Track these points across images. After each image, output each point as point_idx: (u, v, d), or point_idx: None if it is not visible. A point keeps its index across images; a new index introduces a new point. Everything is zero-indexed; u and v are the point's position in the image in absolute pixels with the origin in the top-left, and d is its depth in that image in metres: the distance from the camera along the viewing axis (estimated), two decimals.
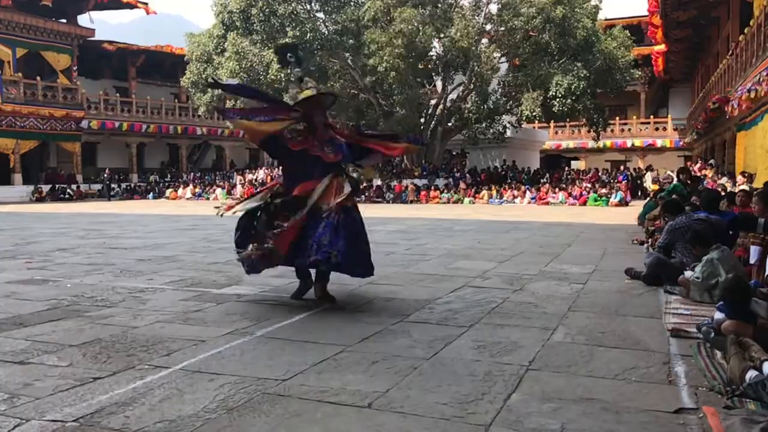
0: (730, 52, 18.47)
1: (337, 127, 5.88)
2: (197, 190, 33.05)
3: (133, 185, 34.74)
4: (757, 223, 5.58)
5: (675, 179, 13.04)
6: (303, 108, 5.33)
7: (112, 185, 33.10)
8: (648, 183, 22.79)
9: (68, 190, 31.41)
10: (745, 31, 15.99)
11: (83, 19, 34.26)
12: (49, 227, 14.34)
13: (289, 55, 5.85)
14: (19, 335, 4.35)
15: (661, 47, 29.10)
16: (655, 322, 4.70)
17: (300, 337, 4.29)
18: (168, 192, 33.26)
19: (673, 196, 9.16)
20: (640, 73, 31.74)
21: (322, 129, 5.38)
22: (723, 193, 10.30)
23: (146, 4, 35.93)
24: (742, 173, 16.32)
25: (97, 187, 33.13)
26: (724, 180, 18.25)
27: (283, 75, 24.65)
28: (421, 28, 23.53)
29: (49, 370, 3.57)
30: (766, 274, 4.65)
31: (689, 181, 11.10)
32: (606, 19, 30.45)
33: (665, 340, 4.20)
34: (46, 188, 30.85)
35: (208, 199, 31.74)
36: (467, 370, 3.55)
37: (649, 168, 30.91)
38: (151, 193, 33.58)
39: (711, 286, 5.15)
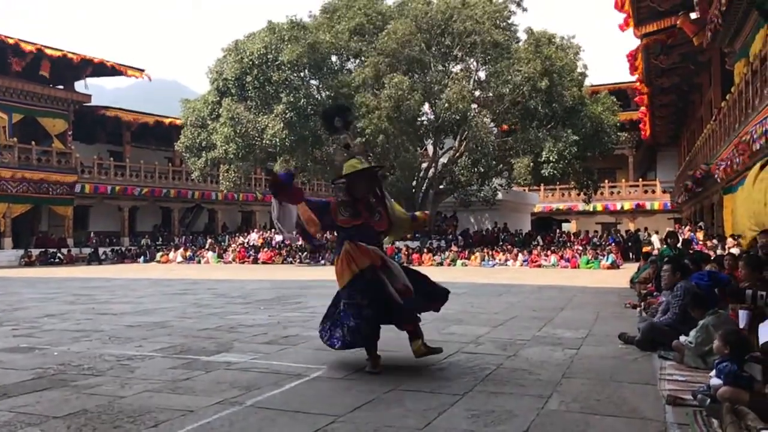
0: (714, 117, 18.92)
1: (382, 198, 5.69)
2: (188, 253, 32.93)
3: (124, 249, 34.57)
4: (745, 294, 5.60)
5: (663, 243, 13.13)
6: (348, 180, 5.40)
7: (101, 249, 33.00)
8: (656, 245, 22.99)
9: (58, 255, 31.21)
10: (727, 97, 16.43)
11: (80, 85, 34.91)
12: (38, 292, 14.18)
13: (336, 119, 5.58)
14: (3, 406, 4.24)
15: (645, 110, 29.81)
16: (650, 389, 4.65)
17: (290, 407, 4.21)
18: (159, 255, 33.11)
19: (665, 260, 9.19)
20: (626, 135, 32.48)
21: (366, 200, 5.45)
22: (712, 256, 10.35)
23: (142, 71, 36.71)
24: (732, 236, 16.43)
25: (88, 251, 32.95)
26: (714, 242, 18.35)
27: (278, 139, 25.02)
28: (409, 94, 24.09)
29: None
30: (760, 342, 4.66)
31: (677, 245, 11.18)
32: (592, 86, 31.35)
33: (661, 408, 4.14)
34: (36, 252, 30.66)
35: (199, 262, 31.61)
36: None
37: (646, 230, 31.11)
38: (142, 257, 33.40)
39: (705, 353, 5.12)
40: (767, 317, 4.95)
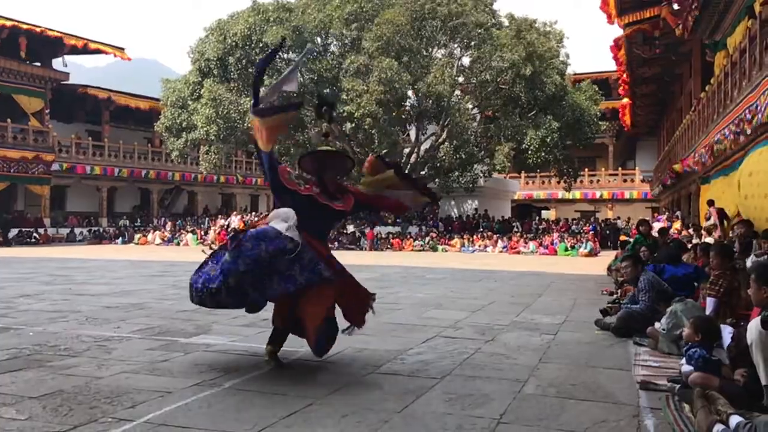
0: (693, 108, 19.10)
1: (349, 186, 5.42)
2: (167, 235, 32.65)
3: (101, 230, 34.20)
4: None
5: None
6: (318, 159, 5.06)
7: (78, 230, 32.54)
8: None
9: (35, 234, 30.79)
10: (707, 88, 16.58)
11: (58, 63, 34.24)
12: (14, 272, 13.99)
13: (325, 108, 5.42)
14: None
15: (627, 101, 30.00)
16: (624, 374, 4.73)
17: (269, 389, 4.22)
18: (137, 237, 32.80)
19: (642, 249, 9.32)
20: (607, 124, 32.71)
21: (332, 186, 5.03)
22: (689, 246, 10.50)
23: (122, 50, 36.10)
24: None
25: (65, 231, 32.54)
26: (690, 231, 18.57)
27: None
28: (397, 77, 24.00)
29: (7, 424, 3.44)
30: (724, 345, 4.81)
31: (650, 234, 11.30)
32: (574, 74, 31.45)
33: (635, 393, 4.22)
34: (12, 232, 30.19)
35: (178, 244, 31.37)
36: (438, 424, 3.52)
37: (629, 220, 31.37)
38: (120, 238, 33.06)
39: (676, 338, 5.22)
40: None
